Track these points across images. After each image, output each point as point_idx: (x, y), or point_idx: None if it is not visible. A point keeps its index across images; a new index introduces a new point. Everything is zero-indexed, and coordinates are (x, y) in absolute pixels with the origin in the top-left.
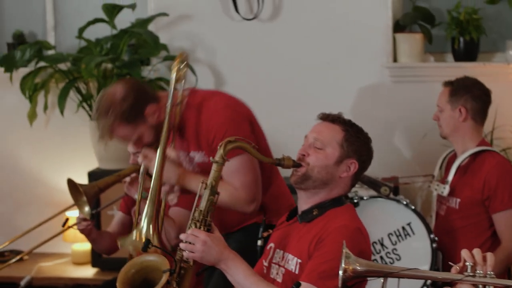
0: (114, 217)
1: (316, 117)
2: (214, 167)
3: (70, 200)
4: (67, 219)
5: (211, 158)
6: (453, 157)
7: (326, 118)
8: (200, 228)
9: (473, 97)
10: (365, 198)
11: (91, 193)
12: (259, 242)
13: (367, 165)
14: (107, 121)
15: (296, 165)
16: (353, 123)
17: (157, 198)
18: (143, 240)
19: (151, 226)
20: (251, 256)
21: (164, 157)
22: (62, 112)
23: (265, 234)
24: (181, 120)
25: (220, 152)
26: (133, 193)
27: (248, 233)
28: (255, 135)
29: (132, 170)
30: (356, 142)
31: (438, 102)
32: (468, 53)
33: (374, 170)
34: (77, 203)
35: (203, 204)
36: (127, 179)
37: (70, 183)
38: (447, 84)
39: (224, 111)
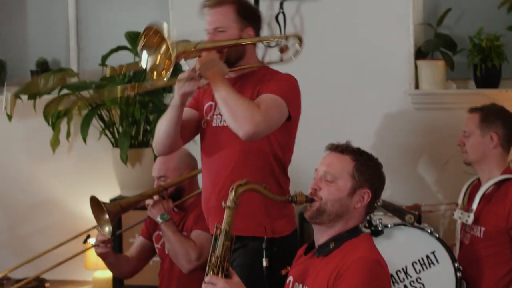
0: (135, 242)
1: (325, 148)
2: (227, 212)
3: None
4: (88, 236)
5: (222, 203)
6: (477, 185)
7: (335, 149)
8: (218, 274)
9: (504, 124)
10: (389, 226)
11: (113, 211)
12: (264, 263)
13: (380, 192)
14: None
15: (309, 200)
16: (363, 151)
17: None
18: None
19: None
20: (258, 279)
21: (219, 49)
22: (84, 139)
23: (284, 271)
24: (251, 72)
25: (231, 196)
26: (155, 215)
27: (249, 254)
28: (293, 127)
29: (155, 192)
30: (367, 170)
31: (466, 128)
32: (490, 80)
33: (396, 198)
34: (99, 222)
35: (218, 250)
36: (150, 201)
37: (93, 200)
38: (476, 110)
39: (292, 83)
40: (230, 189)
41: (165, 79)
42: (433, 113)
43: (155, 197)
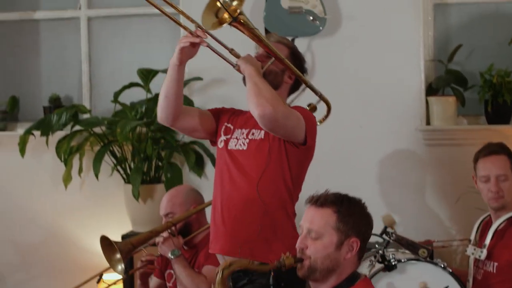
0: (150, 284)
1: (305, 202)
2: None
3: (104, 262)
4: (101, 275)
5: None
6: (489, 221)
7: (315, 202)
8: None
9: None
10: (402, 260)
11: (125, 250)
12: None
13: (369, 235)
14: (285, 39)
15: (298, 260)
16: (343, 198)
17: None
18: None
19: None
20: None
21: (268, 53)
22: (97, 175)
23: None
24: None
25: (218, 277)
26: (166, 251)
27: None
28: (306, 157)
29: (164, 228)
30: (351, 219)
31: (500, 171)
32: (501, 116)
33: (408, 234)
34: (111, 262)
35: None
36: (160, 239)
37: (104, 240)
38: (499, 152)
39: (313, 117)
40: (216, 272)
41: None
42: (445, 149)
43: (165, 234)
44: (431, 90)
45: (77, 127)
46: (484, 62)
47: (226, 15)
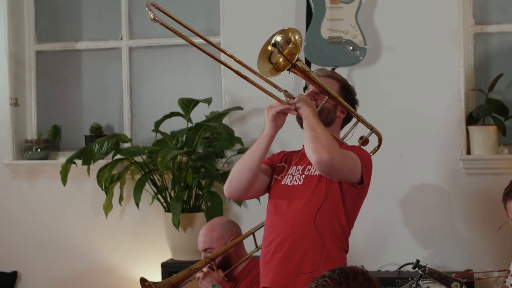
0: None
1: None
2: None
3: None
4: None
5: None
6: None
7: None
8: None
9: None
10: None
11: None
12: None
13: None
14: (335, 74)
15: None
16: (341, 280)
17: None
18: None
19: None
20: None
21: (315, 85)
22: (137, 204)
23: None
24: None
25: None
26: (207, 287)
27: None
28: (362, 195)
29: (203, 264)
30: None
31: None
32: None
33: (448, 263)
34: None
35: None
36: (200, 274)
37: (143, 281)
38: None
39: (369, 156)
40: None
41: (269, 73)
42: (485, 178)
43: (204, 269)
44: (472, 119)
45: (118, 156)
46: None
47: (282, 61)
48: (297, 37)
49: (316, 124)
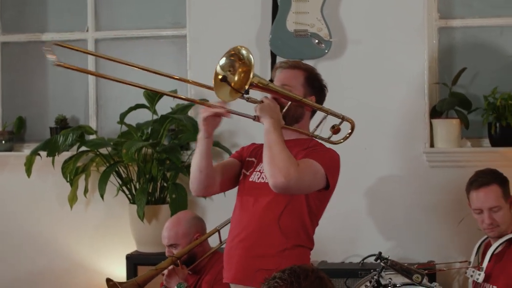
0: None
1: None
2: None
3: None
4: None
5: None
6: (489, 243)
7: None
8: None
9: (508, 182)
10: (398, 285)
11: None
12: None
13: None
14: (299, 63)
15: None
16: (291, 273)
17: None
18: None
19: None
20: None
21: (277, 95)
22: (102, 196)
23: None
24: (298, 139)
25: None
26: (172, 284)
27: None
28: (327, 197)
29: (169, 263)
30: None
31: (493, 203)
32: (504, 139)
33: (410, 255)
34: None
35: None
36: (165, 271)
37: (109, 282)
38: (489, 183)
39: (335, 156)
40: None
41: (228, 97)
42: (448, 171)
43: (170, 267)
44: (435, 112)
45: (83, 148)
46: (488, 85)
47: (238, 81)
48: (244, 52)
49: (274, 141)
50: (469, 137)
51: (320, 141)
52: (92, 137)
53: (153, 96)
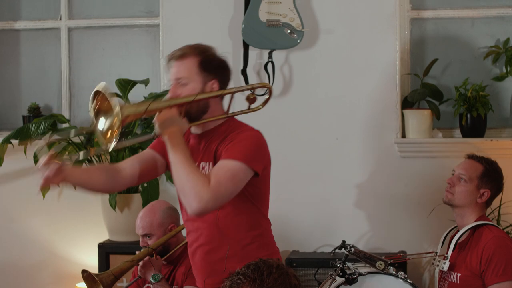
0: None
1: None
2: None
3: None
4: None
5: None
6: (455, 232)
7: None
8: None
9: (498, 184)
10: (363, 273)
11: (107, 282)
12: None
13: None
14: (190, 49)
15: None
16: (254, 270)
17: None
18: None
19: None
20: None
21: (178, 106)
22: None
23: None
24: (217, 126)
25: None
26: (147, 275)
27: None
28: (264, 178)
29: (145, 254)
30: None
31: (464, 172)
32: (475, 129)
33: (381, 246)
34: None
35: None
36: (140, 262)
37: (85, 274)
38: (478, 160)
39: (253, 138)
40: None
41: (113, 143)
42: (420, 161)
43: (145, 258)
44: (407, 103)
45: (56, 137)
46: (459, 76)
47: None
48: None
49: (177, 163)
50: (440, 127)
51: (240, 116)
52: (65, 125)
53: (126, 85)
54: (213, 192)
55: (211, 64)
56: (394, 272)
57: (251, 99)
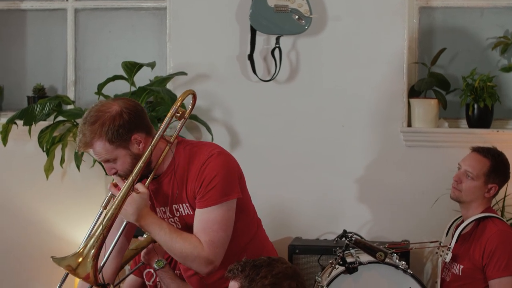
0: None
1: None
2: None
3: None
4: None
5: None
6: (460, 223)
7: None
8: None
9: (505, 179)
10: (364, 263)
11: None
12: None
13: None
14: (89, 132)
15: None
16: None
17: (107, 229)
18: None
19: (91, 253)
20: None
21: (130, 188)
22: (78, 166)
23: None
24: (170, 165)
25: None
26: (151, 261)
27: None
28: (242, 189)
29: (148, 241)
30: None
31: (472, 170)
32: (482, 120)
33: (385, 234)
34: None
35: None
36: (144, 250)
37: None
38: (485, 154)
39: (220, 169)
40: None
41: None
42: (425, 151)
43: (149, 245)
44: (414, 92)
45: (60, 118)
46: (467, 66)
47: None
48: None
49: (164, 241)
50: (446, 117)
51: (179, 135)
52: (70, 107)
53: (132, 67)
54: (211, 248)
55: (118, 134)
56: (397, 260)
57: (180, 116)
